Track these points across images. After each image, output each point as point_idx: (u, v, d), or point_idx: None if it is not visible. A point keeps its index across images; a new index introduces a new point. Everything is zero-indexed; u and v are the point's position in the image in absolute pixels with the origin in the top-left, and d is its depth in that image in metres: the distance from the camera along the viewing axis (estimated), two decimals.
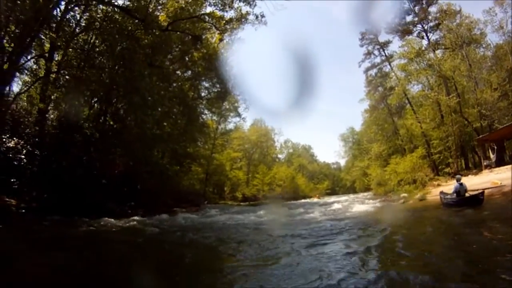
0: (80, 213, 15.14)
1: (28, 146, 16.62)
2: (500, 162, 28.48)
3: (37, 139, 17.28)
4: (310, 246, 8.82)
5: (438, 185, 29.74)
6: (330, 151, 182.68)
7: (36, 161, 16.68)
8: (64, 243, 9.48)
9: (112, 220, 15.21)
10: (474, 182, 19.09)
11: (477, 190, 17.10)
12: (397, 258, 7.03)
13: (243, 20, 29.47)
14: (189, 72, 36.64)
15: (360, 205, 26.11)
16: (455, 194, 16.71)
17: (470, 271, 5.59)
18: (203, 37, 32.31)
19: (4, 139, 15.49)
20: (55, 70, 19.62)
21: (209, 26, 31.52)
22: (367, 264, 6.64)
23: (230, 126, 59.96)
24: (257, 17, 28.99)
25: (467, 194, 16.27)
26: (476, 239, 8.46)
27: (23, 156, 16.06)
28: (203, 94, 42.52)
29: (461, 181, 16.88)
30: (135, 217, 17.67)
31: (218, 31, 32.76)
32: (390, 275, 5.67)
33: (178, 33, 28.46)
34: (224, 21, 30.06)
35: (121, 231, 13.14)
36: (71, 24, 20.94)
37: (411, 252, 7.40)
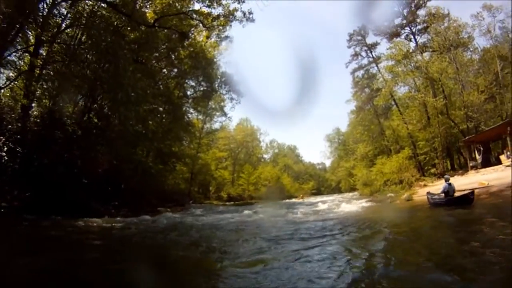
0: (62, 212, 14.87)
1: (10, 143, 16.14)
2: (486, 163, 28.70)
3: (19, 136, 16.78)
4: (297, 248, 8.47)
5: (425, 185, 29.84)
6: (316, 152, 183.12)
7: (18, 159, 16.19)
8: (43, 244, 9.21)
9: (95, 219, 14.97)
10: (461, 183, 19.09)
11: (465, 190, 17.10)
12: (390, 260, 6.78)
13: (230, 17, 29.15)
14: (175, 70, 36.23)
15: (347, 205, 26.01)
16: (443, 194, 16.62)
17: (467, 271, 5.39)
18: (190, 34, 31.99)
19: None
20: (40, 65, 19.20)
21: (196, 23, 31.14)
22: (358, 267, 6.37)
23: (216, 125, 59.67)
24: (244, 14, 28.68)
25: (455, 194, 16.21)
26: (471, 238, 8.28)
27: (4, 154, 15.59)
28: (189, 93, 42.19)
29: (450, 181, 16.80)
30: (118, 217, 17.42)
31: (205, 29, 32.36)
32: (384, 276, 5.48)
33: (165, 30, 28.10)
34: (211, 18, 29.64)
35: (102, 231, 12.82)
36: (57, 19, 20.63)
37: (404, 253, 7.22)
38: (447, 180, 16.88)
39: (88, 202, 18.37)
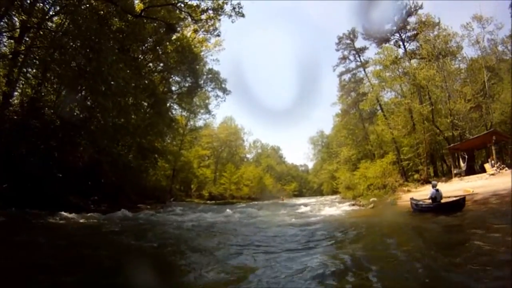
0: (39, 205, 14.54)
1: None
2: (469, 171, 28.85)
3: None
4: (277, 255, 8.11)
5: (408, 191, 29.75)
6: (299, 153, 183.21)
7: None
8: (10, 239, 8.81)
9: (71, 214, 14.55)
10: (445, 189, 18.85)
11: (451, 197, 16.91)
12: (377, 269, 6.46)
13: (219, 10, 28.75)
14: (161, 65, 35.67)
15: (329, 208, 25.95)
16: (430, 200, 16.40)
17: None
18: (178, 29, 31.56)
19: None
20: (23, 51, 18.57)
21: (184, 16, 30.66)
22: (342, 276, 6.03)
23: (200, 123, 59.28)
24: (234, 8, 28.29)
25: (442, 201, 16.03)
26: (461, 245, 8.19)
27: None
28: (174, 89, 41.75)
29: (437, 187, 16.61)
30: (96, 213, 17.00)
31: (193, 22, 31.89)
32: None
33: (152, 21, 27.60)
34: (200, 10, 29.18)
35: (75, 228, 12.39)
36: (45, 6, 20.14)
37: (391, 264, 6.88)
38: (434, 186, 16.69)
39: (67, 196, 18.08)
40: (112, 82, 19.48)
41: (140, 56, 30.87)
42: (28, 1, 19.20)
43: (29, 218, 12.43)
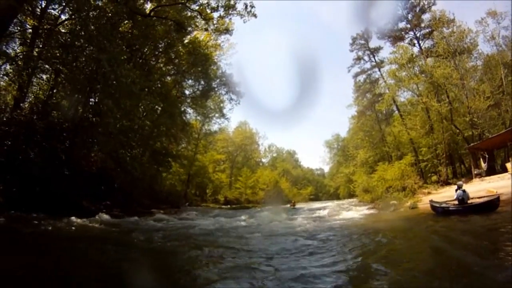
0: (50, 210, 14.17)
1: None
2: (490, 171, 27.95)
3: (6, 128, 15.86)
4: (296, 262, 7.56)
5: (429, 193, 28.87)
6: (315, 157, 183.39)
7: (4, 152, 15.30)
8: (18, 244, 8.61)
9: (80, 219, 14.10)
10: (468, 191, 18.15)
11: (474, 198, 16.24)
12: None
13: (230, 9, 28.33)
14: (174, 68, 35.38)
15: (348, 212, 25.24)
16: (457, 201, 15.71)
17: None
18: (189, 29, 31.24)
19: None
20: (36, 58, 18.39)
21: (194, 15, 30.33)
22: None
23: (215, 127, 58.93)
24: (246, 6, 27.86)
25: (469, 201, 15.37)
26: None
27: None
28: (187, 92, 41.41)
29: (463, 188, 15.94)
30: (108, 217, 16.73)
31: (204, 21, 31.50)
32: None
33: (162, 24, 27.34)
34: (210, 8, 28.80)
35: (85, 232, 12.10)
36: (55, 11, 20.42)
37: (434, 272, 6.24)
38: (460, 187, 16.02)
39: (79, 200, 17.83)
40: (114, 82, 19.05)
41: (152, 59, 30.61)
42: (39, 7, 19.32)
43: (38, 222, 12.07)
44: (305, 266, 6.97)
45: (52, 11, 20.33)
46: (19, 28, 18.63)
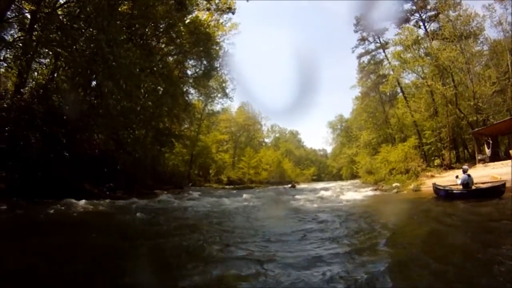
0: (52, 194, 14.14)
1: None
2: (494, 157, 27.85)
3: (5, 114, 15.79)
4: (300, 243, 7.53)
5: (432, 176, 28.86)
6: (318, 138, 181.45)
7: (4, 138, 15.26)
8: (29, 228, 8.79)
9: (83, 203, 14.03)
10: (472, 176, 18.09)
11: (480, 183, 16.22)
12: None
13: None
14: (176, 49, 35.12)
15: (352, 193, 25.10)
16: (461, 186, 15.66)
17: None
18: (191, 9, 30.92)
19: None
20: (34, 43, 18.31)
21: None
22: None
23: (218, 107, 58.08)
24: None
25: (473, 187, 15.33)
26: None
27: None
28: (189, 73, 41.08)
29: (468, 172, 15.88)
30: (111, 199, 16.77)
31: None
32: None
33: (163, 2, 26.95)
34: None
35: (87, 215, 12.09)
36: None
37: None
38: (465, 171, 15.93)
39: (81, 183, 17.86)
40: (114, 63, 18.87)
41: (153, 39, 30.38)
42: None
43: (41, 207, 12.07)
44: (306, 249, 6.88)
45: None
46: (17, 13, 18.46)
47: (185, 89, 38.77)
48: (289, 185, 50.39)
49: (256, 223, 11.02)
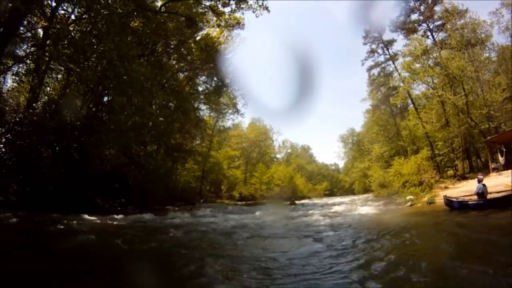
0: (63, 209, 14.23)
1: (8, 135, 15.28)
2: (508, 165, 27.21)
3: (18, 128, 15.90)
4: (318, 263, 7.23)
5: (446, 187, 28.41)
6: (329, 152, 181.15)
7: (16, 151, 15.34)
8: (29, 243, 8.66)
9: (94, 217, 14.24)
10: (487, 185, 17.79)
11: (494, 192, 15.96)
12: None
13: (242, 3, 28.03)
14: (187, 67, 35.37)
15: (366, 207, 24.83)
16: (475, 196, 15.39)
17: None
18: (201, 25, 31.16)
19: None
20: (47, 59, 18.59)
21: (205, 11, 30.28)
22: None
23: (228, 123, 58.11)
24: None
25: (488, 196, 15.08)
26: None
27: (1, 145, 14.74)
28: (200, 89, 41.36)
29: (483, 182, 15.63)
30: (121, 215, 16.63)
31: (215, 15, 31.36)
32: None
33: (173, 20, 27.27)
34: (222, 2, 28.60)
35: (98, 230, 11.95)
36: (65, 12, 20.65)
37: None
38: (480, 180, 15.70)
39: (93, 198, 18.05)
40: (125, 77, 18.94)
41: (164, 56, 30.63)
42: (49, 8, 19.59)
43: (51, 221, 12.12)
44: (322, 266, 6.77)
45: (62, 11, 20.52)
46: (29, 29, 18.96)
47: (196, 105, 38.96)
48: (288, 202, 46.37)
49: (266, 243, 10.83)
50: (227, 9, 30.04)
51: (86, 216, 13.89)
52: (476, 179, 16.65)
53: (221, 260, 7.41)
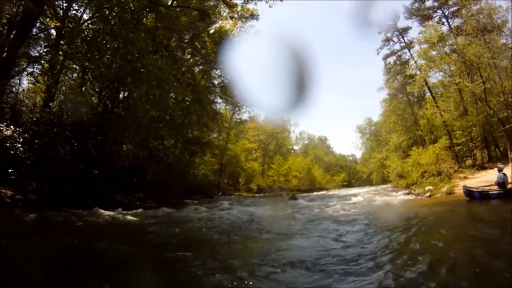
0: (82, 205, 14.39)
1: (26, 135, 15.54)
2: None
3: (35, 127, 16.21)
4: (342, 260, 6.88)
5: (465, 177, 28.11)
6: (346, 143, 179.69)
7: (34, 150, 15.62)
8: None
9: (113, 213, 14.36)
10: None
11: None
12: None
13: None
14: (202, 61, 35.46)
15: (385, 198, 24.84)
16: (496, 185, 15.28)
17: None
18: (214, 18, 31.21)
19: (1, 128, 14.39)
20: (61, 59, 19.05)
21: (218, 3, 30.36)
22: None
23: (245, 116, 58.56)
24: None
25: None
26: None
27: (20, 145, 14.99)
28: (216, 82, 41.42)
29: (503, 171, 15.50)
30: (141, 209, 16.92)
31: (227, 7, 31.36)
32: None
33: (186, 13, 27.47)
34: None
35: (118, 225, 12.29)
36: (77, 12, 20.97)
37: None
38: (500, 170, 15.55)
39: (112, 194, 18.27)
40: (142, 70, 19.14)
41: (178, 50, 30.79)
42: (61, 8, 19.92)
43: (70, 218, 12.27)
44: (346, 258, 6.81)
45: (74, 11, 20.84)
46: (43, 30, 19.10)
47: (212, 98, 39.08)
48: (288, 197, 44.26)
49: (289, 232, 10.96)
50: (239, 1, 30.10)
51: (106, 212, 14.04)
52: (496, 168, 16.49)
53: (241, 256, 7.54)
